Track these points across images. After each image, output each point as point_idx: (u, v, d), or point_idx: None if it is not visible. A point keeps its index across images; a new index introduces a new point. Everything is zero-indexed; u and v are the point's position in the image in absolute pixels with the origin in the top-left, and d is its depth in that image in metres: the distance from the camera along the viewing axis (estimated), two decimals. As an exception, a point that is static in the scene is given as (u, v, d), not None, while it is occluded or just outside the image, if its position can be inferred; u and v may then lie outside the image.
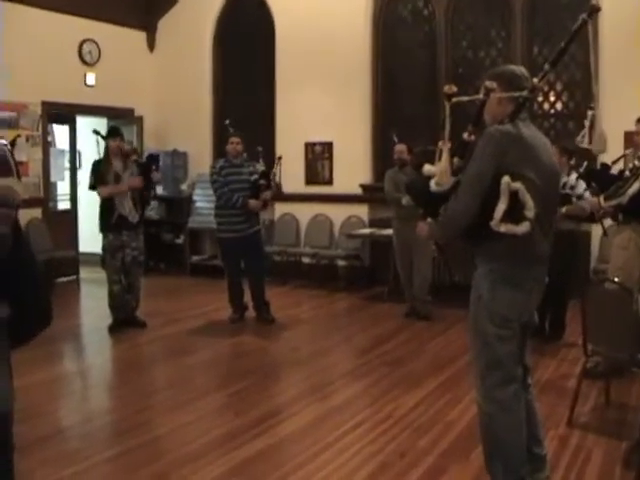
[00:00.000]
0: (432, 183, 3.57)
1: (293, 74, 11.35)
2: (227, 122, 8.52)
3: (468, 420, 5.17)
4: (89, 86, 11.48)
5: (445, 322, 8.34)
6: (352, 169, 10.99)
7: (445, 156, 3.53)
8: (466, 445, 4.74)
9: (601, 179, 6.36)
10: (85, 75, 11.43)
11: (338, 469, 4.47)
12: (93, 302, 10.09)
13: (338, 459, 4.62)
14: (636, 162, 6.08)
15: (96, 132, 8.11)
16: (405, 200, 7.46)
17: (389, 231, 9.07)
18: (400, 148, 8.67)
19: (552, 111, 9.92)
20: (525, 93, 3.51)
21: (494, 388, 3.66)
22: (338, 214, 11.10)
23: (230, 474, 4.42)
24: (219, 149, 11.98)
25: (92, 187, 7.99)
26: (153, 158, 8.32)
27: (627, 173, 6.11)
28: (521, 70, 3.72)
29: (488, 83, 3.51)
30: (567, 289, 7.20)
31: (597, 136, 3.68)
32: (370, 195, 10.69)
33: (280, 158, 8.43)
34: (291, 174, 8.47)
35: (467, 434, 4.93)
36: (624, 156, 6.39)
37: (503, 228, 3.39)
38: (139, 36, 12.57)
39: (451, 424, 5.20)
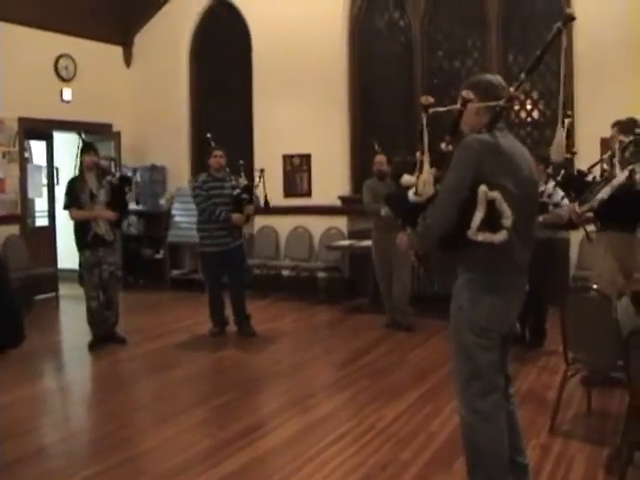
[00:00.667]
0: (410, 193, 3.58)
1: (270, 87, 11.36)
2: (209, 136, 8.49)
3: (450, 431, 5.16)
4: (66, 101, 11.44)
5: (426, 332, 8.35)
6: (331, 181, 11.00)
7: (426, 167, 3.53)
8: (449, 456, 4.73)
9: (577, 186, 6.40)
10: (62, 90, 11.39)
11: (319, 483, 4.46)
12: (72, 319, 10.02)
13: (320, 472, 4.60)
14: (605, 166, 6.14)
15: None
16: (384, 211, 7.48)
17: (368, 242, 9.08)
18: (379, 159, 8.69)
19: (529, 119, 9.97)
20: (502, 102, 3.51)
21: (475, 398, 3.65)
22: (317, 226, 11.10)
23: (212, 490, 4.40)
24: (197, 163, 11.98)
25: (65, 207, 7.95)
26: (125, 180, 8.25)
27: (598, 178, 6.17)
28: (497, 79, 3.72)
29: (465, 93, 3.51)
30: (546, 297, 7.22)
31: (555, 144, 3.68)
32: (349, 207, 10.70)
33: (263, 171, 8.41)
34: (270, 186, 8.43)
35: (449, 445, 4.92)
36: (601, 161, 6.43)
37: (480, 237, 3.39)
38: (116, 51, 12.55)
39: (433, 435, 5.20)
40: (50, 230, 11.91)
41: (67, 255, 11.64)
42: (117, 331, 8.21)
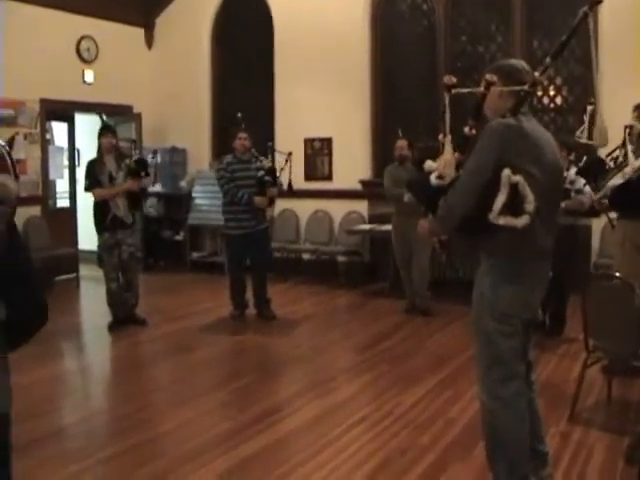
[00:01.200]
0: (432, 177, 3.55)
1: (292, 70, 11.33)
2: (239, 115, 8.42)
3: (469, 417, 5.16)
4: (87, 83, 11.46)
5: (445, 318, 8.33)
6: (351, 164, 10.97)
7: (448, 148, 3.51)
8: (468, 442, 4.73)
9: (597, 173, 6.35)
10: (83, 72, 11.40)
11: (339, 466, 4.46)
12: (93, 300, 10.08)
13: (339, 456, 4.60)
14: (617, 153, 6.08)
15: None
16: (407, 197, 7.43)
17: (389, 227, 9.04)
18: (401, 144, 8.66)
19: (552, 105, 9.89)
20: (526, 87, 3.48)
21: (496, 384, 3.64)
22: (338, 210, 11.08)
23: (232, 471, 4.41)
24: (218, 145, 11.98)
25: (87, 189, 7.97)
26: (141, 163, 8.23)
27: (611, 165, 6.12)
28: (522, 64, 3.69)
29: (489, 76, 3.48)
30: (568, 284, 7.18)
31: (597, 130, 3.65)
32: (370, 191, 10.66)
33: (290, 154, 8.38)
34: (293, 169, 8.42)
35: (468, 431, 4.92)
36: (619, 148, 6.36)
37: (502, 221, 3.36)
38: (137, 33, 12.54)
39: (452, 421, 5.19)
40: (71, 211, 11.97)
41: (87, 236, 11.69)
42: (137, 312, 8.24)
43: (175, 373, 6.65)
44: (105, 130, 8.12)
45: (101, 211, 7.92)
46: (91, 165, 7.98)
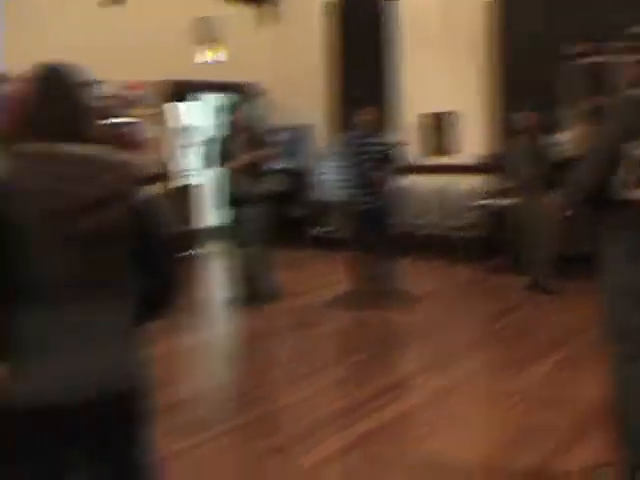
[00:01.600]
0: (566, 149, 3.46)
1: (416, 43, 11.18)
2: (359, 93, 8.44)
3: (590, 398, 4.99)
4: (209, 63, 11.61)
5: (569, 295, 8.11)
6: (473, 139, 10.80)
7: (579, 121, 3.42)
8: (593, 421, 4.59)
9: None
10: (205, 52, 11.56)
11: (460, 443, 4.42)
12: (214, 276, 10.28)
13: (460, 433, 4.57)
14: None
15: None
16: (526, 171, 7.25)
17: (509, 201, 8.86)
18: (527, 116, 8.43)
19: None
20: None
21: (624, 362, 3.52)
22: (459, 185, 10.93)
23: (349, 448, 4.42)
24: (343, 121, 11.96)
25: (221, 164, 8.11)
26: (271, 134, 8.35)
27: None
28: None
29: (623, 45, 3.35)
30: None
31: None
32: (491, 165, 10.48)
33: (411, 131, 8.34)
34: (413, 145, 8.38)
35: (593, 410, 4.77)
36: None
37: (629, 195, 3.25)
38: (255, 11, 12.63)
39: (576, 400, 5.06)
40: (192, 189, 12.19)
41: (210, 213, 11.94)
42: (263, 288, 8.31)
43: (297, 348, 6.72)
44: (236, 108, 8.28)
45: (232, 186, 8.05)
46: (224, 142, 8.13)
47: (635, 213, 3.32)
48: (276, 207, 11.93)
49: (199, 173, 12.14)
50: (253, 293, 8.23)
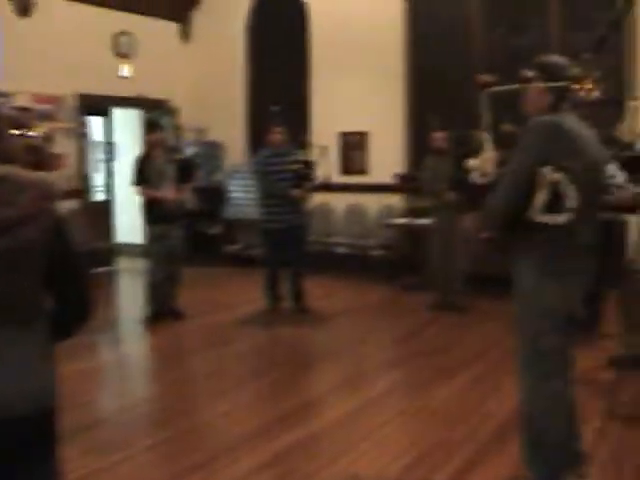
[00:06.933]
0: (476, 175, 3.57)
1: (328, 63, 11.33)
2: (275, 109, 8.46)
3: (505, 411, 5.14)
4: (124, 78, 11.55)
5: (481, 313, 8.31)
6: (387, 158, 10.96)
7: (488, 146, 3.53)
8: (504, 436, 4.71)
9: (637, 168, 6.32)
10: (121, 67, 11.50)
11: (375, 460, 4.48)
12: (129, 293, 10.18)
13: (375, 450, 4.63)
14: None
15: None
16: (448, 195, 7.40)
17: (424, 220, 9.01)
18: (437, 136, 8.61)
19: (589, 99, 9.79)
20: (567, 83, 3.47)
21: (537, 381, 3.64)
22: (373, 204, 11.08)
23: (267, 464, 4.44)
24: (254, 139, 12.00)
25: (134, 183, 8.02)
26: (187, 164, 8.27)
27: None
28: (563, 60, 3.68)
29: (528, 73, 3.48)
30: (604, 279, 7.12)
31: (627, 126, 3.64)
32: (405, 184, 10.65)
33: (325, 148, 8.40)
34: (327, 164, 8.45)
35: (504, 425, 4.90)
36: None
37: (543, 218, 3.37)
38: (173, 27, 12.62)
39: (488, 415, 5.18)
40: (108, 205, 12.06)
41: (124, 229, 11.82)
42: (176, 305, 8.29)
43: (211, 365, 6.71)
44: (153, 126, 8.20)
45: (151, 203, 7.99)
46: (139, 161, 8.05)
47: (549, 236, 3.44)
48: (192, 224, 11.92)
49: (115, 189, 12.01)
50: (168, 310, 8.19)
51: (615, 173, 6.74)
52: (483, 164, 3.53)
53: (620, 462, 4.38)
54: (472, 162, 3.63)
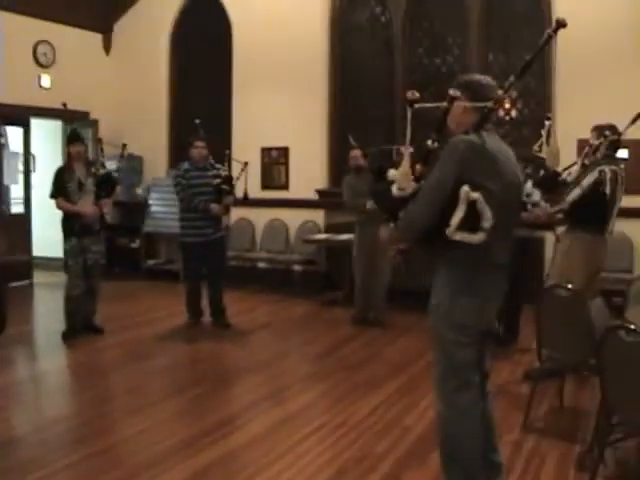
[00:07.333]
0: (394, 188, 3.60)
1: (250, 79, 11.36)
2: (197, 121, 8.43)
3: (425, 425, 5.21)
4: (44, 88, 11.38)
5: (400, 327, 8.39)
6: (308, 174, 11.02)
7: (406, 160, 3.56)
8: (423, 450, 4.77)
9: (550, 186, 6.47)
10: (40, 77, 11.32)
11: (295, 476, 4.47)
12: (47, 307, 9.98)
13: (295, 465, 4.62)
14: (576, 168, 6.24)
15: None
16: (369, 204, 7.44)
17: (345, 236, 9.07)
18: (355, 153, 8.64)
19: (507, 118, 10.02)
20: (490, 104, 3.52)
21: (452, 394, 3.70)
22: (294, 219, 11.12)
23: (188, 481, 4.41)
24: (175, 153, 11.94)
25: (52, 196, 7.87)
26: (108, 178, 8.15)
27: (568, 179, 6.26)
28: (487, 79, 3.72)
29: (452, 91, 3.51)
30: (521, 294, 7.28)
31: (550, 152, 3.74)
32: (326, 200, 10.71)
33: (246, 164, 8.39)
34: (247, 179, 8.44)
35: (424, 439, 4.96)
36: (575, 163, 6.51)
37: (458, 237, 3.42)
38: (95, 38, 12.49)
39: (408, 429, 5.24)
40: (25, 217, 11.82)
41: (42, 243, 11.60)
42: (95, 320, 8.17)
43: (131, 381, 6.62)
44: (74, 138, 8.04)
45: (69, 216, 7.84)
46: (59, 173, 7.89)
47: (464, 254, 3.50)
48: (112, 238, 11.79)
49: (33, 201, 11.77)
50: (87, 326, 8.07)
51: (531, 191, 6.91)
52: (400, 175, 3.56)
53: (537, 475, 4.46)
54: (392, 173, 3.66)
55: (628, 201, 6.68)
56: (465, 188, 3.37)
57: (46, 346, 8.05)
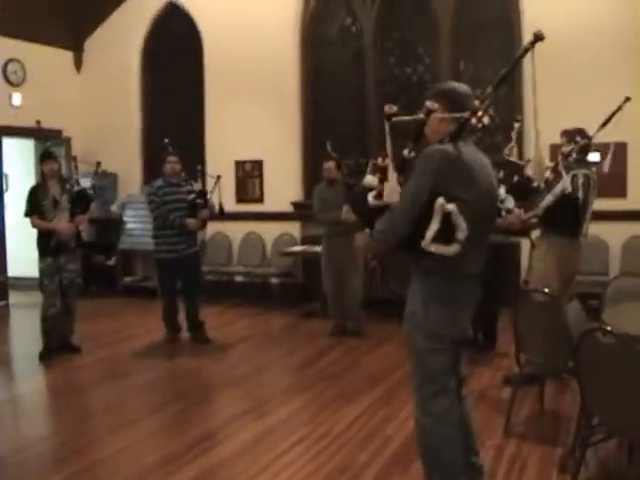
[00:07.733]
0: (370, 196, 3.60)
1: (222, 93, 11.36)
2: (166, 141, 8.44)
3: (406, 434, 5.21)
4: (15, 107, 11.31)
5: (378, 336, 8.39)
6: (283, 187, 11.03)
7: (392, 175, 3.55)
8: (405, 459, 4.78)
9: (523, 192, 6.50)
10: (10, 95, 11.26)
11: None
12: (23, 327, 9.90)
13: (278, 478, 4.61)
14: (547, 174, 6.27)
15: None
16: (344, 214, 7.42)
17: (319, 248, 9.06)
18: (329, 165, 8.62)
19: (479, 125, 10.04)
20: (466, 115, 3.52)
21: (428, 400, 3.71)
22: (270, 232, 11.11)
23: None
24: (149, 170, 11.90)
25: (27, 214, 7.82)
26: (83, 195, 8.10)
27: (542, 185, 6.30)
28: (464, 88, 3.72)
29: (429, 104, 3.50)
30: (498, 300, 7.31)
31: (536, 166, 3.78)
32: (301, 212, 10.71)
33: (219, 177, 8.37)
34: (222, 192, 8.42)
35: (406, 448, 4.97)
36: (548, 168, 6.54)
37: (433, 248, 3.42)
38: (66, 56, 12.43)
39: (389, 438, 5.24)
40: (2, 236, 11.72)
41: (18, 262, 11.50)
42: (72, 340, 8.10)
43: (109, 400, 6.57)
44: (47, 156, 7.99)
45: (44, 235, 7.78)
46: (33, 191, 7.84)
47: (438, 265, 3.51)
48: (88, 256, 11.71)
49: (7, 220, 11.66)
50: (64, 345, 8.01)
51: (505, 197, 6.94)
52: (385, 189, 3.56)
53: (519, 478, 4.48)
54: (370, 179, 3.66)
55: (601, 204, 6.73)
56: (440, 200, 3.37)
57: (23, 367, 7.99)
